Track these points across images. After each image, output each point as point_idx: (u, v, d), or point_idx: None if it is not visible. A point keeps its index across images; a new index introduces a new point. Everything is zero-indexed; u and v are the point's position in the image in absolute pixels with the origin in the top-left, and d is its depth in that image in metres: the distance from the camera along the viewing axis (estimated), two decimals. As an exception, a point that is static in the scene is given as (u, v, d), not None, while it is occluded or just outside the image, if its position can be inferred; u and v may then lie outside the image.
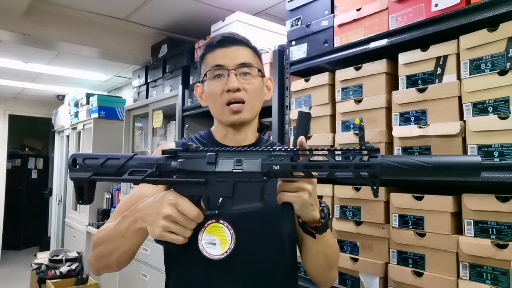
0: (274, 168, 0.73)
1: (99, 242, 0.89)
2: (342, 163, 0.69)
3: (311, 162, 0.71)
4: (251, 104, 0.97)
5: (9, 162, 6.37)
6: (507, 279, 1.04)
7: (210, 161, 0.76)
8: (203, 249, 0.78)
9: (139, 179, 0.78)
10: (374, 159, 0.68)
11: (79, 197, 0.82)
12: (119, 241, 0.84)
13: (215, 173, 0.76)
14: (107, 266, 0.90)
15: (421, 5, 1.28)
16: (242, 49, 0.99)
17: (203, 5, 2.73)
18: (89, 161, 0.81)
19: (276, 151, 0.74)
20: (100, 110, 4.02)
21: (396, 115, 1.32)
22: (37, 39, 2.95)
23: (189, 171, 0.77)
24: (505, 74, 1.07)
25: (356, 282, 1.41)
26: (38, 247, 6.30)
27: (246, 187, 0.75)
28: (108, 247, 0.86)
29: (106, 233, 0.88)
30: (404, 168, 0.67)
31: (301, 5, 1.73)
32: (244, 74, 0.96)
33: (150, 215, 0.77)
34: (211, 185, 0.76)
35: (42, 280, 3.70)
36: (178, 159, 0.78)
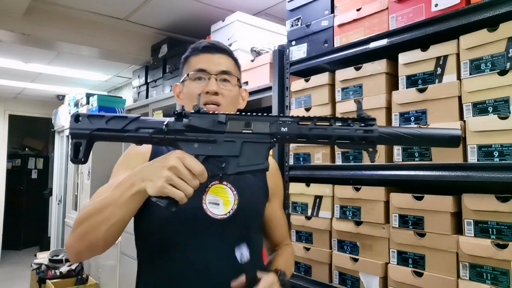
0: (282, 130, 0.76)
1: (82, 220, 0.83)
2: (344, 128, 0.75)
3: (316, 126, 0.76)
4: (226, 108, 1.02)
5: (9, 162, 6.37)
6: (507, 279, 1.04)
7: (221, 121, 0.77)
8: (207, 209, 0.81)
9: (145, 135, 0.76)
10: (371, 127, 0.76)
11: (74, 155, 0.77)
12: (110, 211, 0.79)
13: (224, 132, 0.77)
14: (91, 245, 0.83)
15: (421, 5, 1.27)
16: (225, 58, 1.06)
17: (203, 5, 2.73)
18: (94, 119, 0.78)
19: (284, 116, 0.77)
20: (100, 110, 4.01)
21: (396, 115, 1.32)
22: (37, 39, 2.95)
23: (199, 128, 0.77)
24: (505, 74, 1.07)
25: (356, 282, 1.41)
26: (38, 247, 6.30)
27: (253, 147, 0.77)
28: (95, 221, 0.80)
29: (90, 208, 0.83)
30: (400, 134, 0.76)
31: (301, 5, 1.73)
32: (223, 81, 1.04)
33: (153, 171, 0.75)
34: (219, 145, 0.77)
35: (42, 280, 3.69)
36: (189, 118, 0.77)
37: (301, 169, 1.64)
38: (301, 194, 1.62)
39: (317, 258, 1.54)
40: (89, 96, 4.26)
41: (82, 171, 4.30)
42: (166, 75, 3.01)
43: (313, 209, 1.58)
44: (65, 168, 5.04)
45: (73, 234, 0.84)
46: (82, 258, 0.90)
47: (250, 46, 2.13)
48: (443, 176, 1.17)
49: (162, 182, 0.72)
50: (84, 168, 4.23)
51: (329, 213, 1.51)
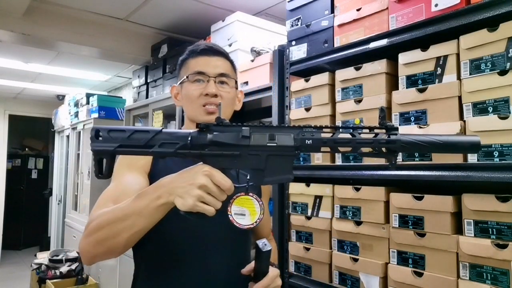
0: (307, 142, 0.77)
1: (102, 225, 0.83)
2: (367, 139, 0.77)
3: (340, 137, 0.77)
4: (224, 110, 1.06)
5: (9, 162, 6.37)
6: (507, 279, 1.04)
7: (245, 135, 0.78)
8: (233, 220, 0.82)
9: (170, 152, 0.76)
10: (394, 136, 0.77)
11: (98, 171, 0.78)
12: (133, 220, 0.79)
13: (249, 146, 0.78)
14: (109, 251, 0.84)
15: (421, 5, 1.27)
16: (223, 60, 1.10)
17: (203, 5, 2.73)
18: (114, 133, 0.77)
19: (307, 127, 0.79)
20: (100, 110, 4.02)
21: (396, 115, 1.32)
22: (37, 39, 2.95)
23: (223, 143, 0.77)
24: (505, 74, 1.07)
25: (356, 282, 1.41)
26: (38, 247, 6.30)
27: (278, 160, 0.78)
28: (115, 228, 0.81)
29: (111, 215, 0.83)
30: (421, 144, 0.77)
31: (301, 5, 1.73)
32: (221, 83, 1.07)
33: (182, 187, 0.75)
34: (244, 158, 0.78)
35: (42, 280, 3.69)
36: (213, 132, 0.78)
37: (301, 169, 1.65)
38: (301, 194, 1.62)
39: (317, 258, 1.54)
40: (89, 96, 4.26)
41: (82, 171, 4.30)
42: (166, 75, 3.01)
43: (313, 209, 1.58)
44: (65, 168, 5.04)
45: (89, 239, 0.84)
46: (96, 261, 0.90)
47: (250, 46, 2.13)
48: (443, 176, 1.17)
49: (194, 201, 0.74)
50: (84, 168, 4.24)
51: (329, 213, 1.51)
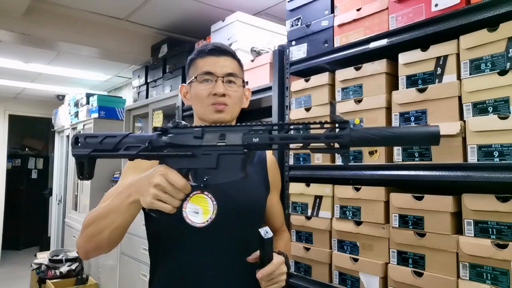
0: (254, 140, 0.79)
1: (90, 222, 0.91)
2: (314, 134, 0.76)
3: (287, 134, 0.78)
4: (232, 108, 1.10)
5: (9, 162, 6.37)
6: (507, 279, 1.04)
7: (197, 136, 0.82)
8: (186, 217, 0.87)
9: (132, 154, 0.84)
10: (343, 131, 0.74)
11: (79, 173, 0.87)
12: (112, 217, 0.87)
13: (201, 146, 0.82)
14: (98, 246, 0.92)
15: (421, 5, 1.27)
16: (230, 60, 1.12)
17: (203, 5, 2.73)
18: (90, 139, 0.87)
19: (257, 125, 0.81)
20: (100, 110, 4.02)
21: (396, 115, 1.32)
22: (37, 39, 2.95)
23: (178, 145, 0.83)
24: (505, 74, 1.07)
25: (356, 282, 1.41)
26: (38, 247, 6.30)
27: (229, 159, 0.81)
28: (100, 225, 0.89)
29: (96, 213, 0.91)
30: (372, 137, 0.74)
31: (301, 5, 1.73)
32: (229, 82, 1.10)
33: (143, 186, 0.82)
34: (198, 158, 0.82)
35: (42, 280, 3.70)
36: (168, 135, 0.84)
37: (301, 169, 1.65)
38: (301, 194, 1.62)
39: (317, 258, 1.54)
40: (89, 96, 4.26)
41: (82, 171, 4.30)
42: (166, 75, 3.01)
43: (313, 209, 1.58)
44: (65, 168, 5.04)
45: (82, 235, 0.94)
46: (90, 257, 0.98)
47: (250, 46, 2.13)
48: (443, 176, 1.17)
49: (150, 199, 0.80)
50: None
51: (329, 213, 1.51)
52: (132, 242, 3.02)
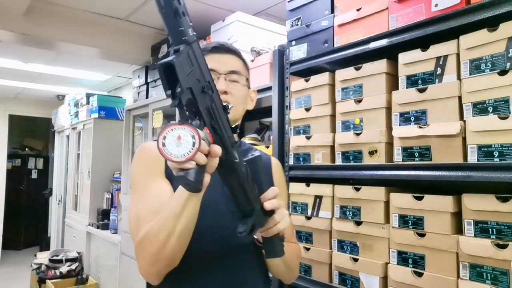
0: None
1: (148, 243, 0.84)
2: None
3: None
4: (235, 108, 1.03)
5: (9, 162, 6.37)
6: (507, 279, 1.04)
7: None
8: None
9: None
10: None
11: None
12: (172, 223, 0.80)
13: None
14: (169, 261, 0.85)
15: (421, 5, 1.28)
16: (234, 58, 1.08)
17: (203, 5, 2.73)
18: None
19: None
20: (100, 110, 4.02)
21: (396, 115, 1.32)
22: (37, 39, 2.95)
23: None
24: (505, 74, 1.07)
25: (356, 282, 1.41)
26: (38, 247, 6.30)
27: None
28: (161, 238, 0.81)
29: (152, 232, 0.83)
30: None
31: (301, 5, 1.73)
32: (232, 81, 1.05)
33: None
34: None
35: (42, 280, 3.70)
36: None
37: (301, 169, 1.65)
38: (301, 194, 1.62)
39: (317, 258, 1.54)
40: (89, 96, 4.26)
41: (82, 171, 4.30)
42: (166, 75, 3.01)
43: (313, 209, 1.58)
44: (65, 168, 5.04)
45: (144, 259, 0.86)
46: (163, 276, 0.90)
47: (250, 46, 2.13)
48: (443, 176, 1.17)
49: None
50: (84, 168, 4.24)
51: (329, 213, 1.51)
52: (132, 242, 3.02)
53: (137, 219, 0.91)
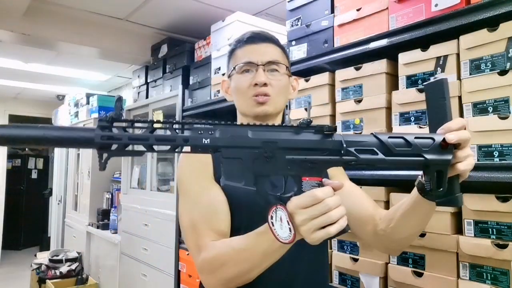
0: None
1: (223, 263, 0.79)
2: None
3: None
4: (276, 99, 0.99)
5: (9, 162, 6.37)
6: (507, 279, 1.04)
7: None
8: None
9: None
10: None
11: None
12: (260, 259, 0.76)
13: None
14: (242, 283, 0.81)
15: (421, 5, 1.28)
16: (271, 46, 1.01)
17: (203, 5, 2.73)
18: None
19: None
20: (100, 110, 4.02)
21: (396, 115, 1.32)
22: (37, 39, 2.95)
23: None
24: (505, 74, 1.07)
25: (356, 282, 1.41)
26: (38, 247, 6.30)
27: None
28: (244, 268, 0.77)
29: (232, 255, 0.78)
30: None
31: (301, 5, 1.73)
32: (271, 71, 0.99)
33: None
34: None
35: (42, 280, 3.70)
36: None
37: (301, 169, 1.64)
38: (301, 194, 1.62)
39: (317, 258, 1.54)
40: (89, 96, 4.26)
41: (82, 171, 4.30)
42: (166, 75, 3.01)
43: (313, 209, 1.57)
44: (65, 168, 5.04)
45: (215, 278, 0.82)
46: None
47: (250, 46, 2.13)
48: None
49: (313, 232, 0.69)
50: (84, 168, 4.24)
51: (329, 213, 1.51)
52: (132, 242, 3.03)
53: (193, 228, 0.88)
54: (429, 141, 0.72)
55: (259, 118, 0.99)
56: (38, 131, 0.59)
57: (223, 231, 0.89)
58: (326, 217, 0.65)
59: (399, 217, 0.90)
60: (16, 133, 0.58)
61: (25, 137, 0.58)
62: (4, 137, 0.58)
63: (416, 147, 0.71)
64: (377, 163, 0.70)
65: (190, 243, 0.89)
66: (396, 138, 0.71)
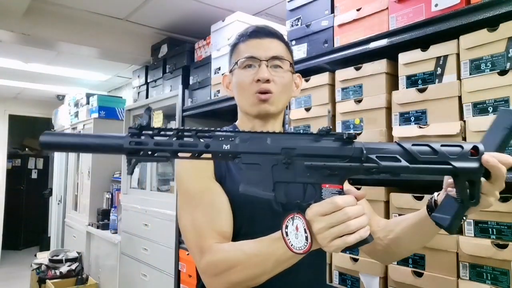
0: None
1: (230, 266, 0.78)
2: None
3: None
4: (278, 96, 0.96)
5: (9, 162, 6.37)
6: (507, 279, 1.04)
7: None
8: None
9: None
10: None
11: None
12: (272, 265, 0.74)
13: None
14: (248, 286, 0.80)
15: (421, 5, 1.28)
16: (276, 42, 0.98)
17: (203, 5, 2.73)
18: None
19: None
20: (100, 110, 4.02)
21: (396, 115, 1.32)
22: (37, 39, 2.95)
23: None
24: (505, 74, 1.07)
25: (356, 282, 1.41)
26: (38, 247, 6.30)
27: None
28: (253, 273, 0.76)
29: (240, 259, 0.77)
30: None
31: (301, 5, 1.73)
32: (275, 67, 0.96)
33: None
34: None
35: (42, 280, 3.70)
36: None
37: (301, 169, 1.64)
38: (301, 194, 1.62)
39: (317, 258, 1.54)
40: (89, 96, 4.26)
41: (82, 171, 4.30)
42: (166, 75, 3.01)
43: (313, 209, 1.57)
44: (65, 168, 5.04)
45: (220, 280, 0.80)
46: None
47: (250, 46, 2.13)
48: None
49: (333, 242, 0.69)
50: (84, 168, 4.24)
51: (329, 213, 1.51)
52: (132, 242, 3.02)
53: (195, 230, 0.86)
54: (457, 149, 0.69)
55: (260, 116, 0.98)
56: (76, 138, 0.66)
57: (226, 232, 0.87)
58: (345, 226, 0.63)
59: (401, 231, 0.89)
60: (58, 140, 0.66)
61: (65, 143, 0.66)
62: (49, 143, 0.66)
63: (443, 155, 0.68)
64: (400, 171, 0.67)
65: (191, 244, 0.87)
66: (420, 145, 0.69)
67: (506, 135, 0.72)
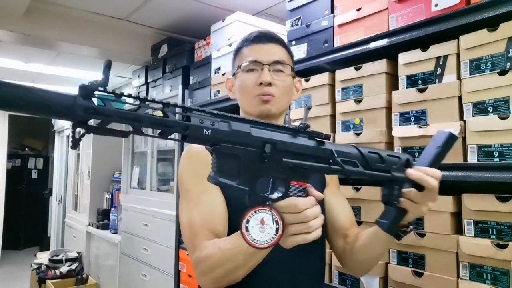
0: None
1: (214, 266, 0.81)
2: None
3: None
4: (280, 99, 1.00)
5: (9, 162, 6.37)
6: (507, 279, 1.04)
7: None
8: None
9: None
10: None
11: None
12: (244, 259, 0.77)
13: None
14: (231, 282, 0.83)
15: (421, 5, 1.28)
16: (278, 47, 1.04)
17: (203, 5, 2.73)
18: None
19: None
20: (100, 110, 4.02)
21: (396, 115, 1.32)
22: (37, 39, 2.95)
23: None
24: (505, 74, 1.07)
25: (356, 282, 1.41)
26: (38, 247, 6.30)
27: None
28: (230, 268, 0.79)
29: (219, 257, 0.80)
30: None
31: (301, 5, 1.73)
32: (276, 71, 1.01)
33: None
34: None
35: (42, 280, 3.70)
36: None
37: (301, 169, 1.64)
38: (301, 194, 1.62)
39: (317, 258, 1.54)
40: (89, 96, 4.26)
41: (82, 171, 4.30)
42: (166, 75, 3.01)
43: (313, 209, 1.57)
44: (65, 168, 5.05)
45: (206, 277, 0.84)
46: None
47: (250, 46, 2.13)
48: (443, 176, 1.17)
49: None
50: (84, 168, 4.24)
51: (329, 213, 1.51)
52: (132, 242, 3.03)
53: (190, 228, 0.90)
54: (396, 159, 0.79)
55: (262, 117, 1.00)
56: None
57: (219, 231, 0.90)
58: (304, 226, 0.68)
59: (365, 238, 0.96)
60: None
61: None
62: None
63: (389, 164, 0.77)
64: (357, 175, 0.74)
65: (187, 241, 0.92)
66: (373, 153, 0.76)
67: (439, 152, 0.83)
